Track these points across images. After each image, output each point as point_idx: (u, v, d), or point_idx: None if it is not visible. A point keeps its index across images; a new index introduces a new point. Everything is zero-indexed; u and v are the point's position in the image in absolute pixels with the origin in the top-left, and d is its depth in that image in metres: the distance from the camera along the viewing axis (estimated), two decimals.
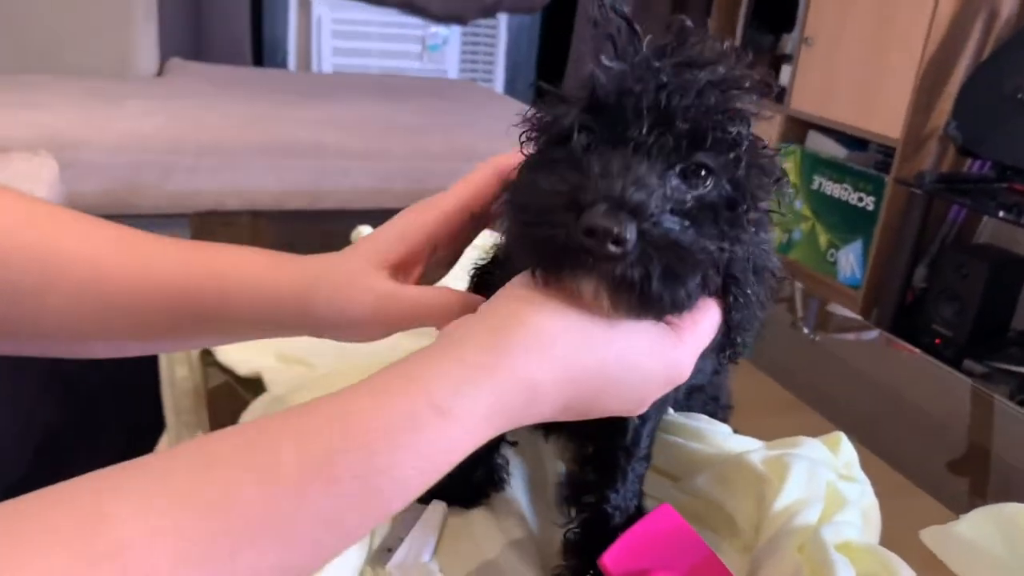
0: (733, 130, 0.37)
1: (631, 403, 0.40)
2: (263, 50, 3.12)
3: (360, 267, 0.47)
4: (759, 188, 0.40)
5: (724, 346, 0.45)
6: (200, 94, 1.92)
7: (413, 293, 0.46)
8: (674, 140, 0.37)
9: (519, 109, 0.42)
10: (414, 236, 0.48)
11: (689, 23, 0.40)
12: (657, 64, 0.37)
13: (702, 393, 0.66)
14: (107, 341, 0.48)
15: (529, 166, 0.42)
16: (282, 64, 3.15)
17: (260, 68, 2.91)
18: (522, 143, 0.42)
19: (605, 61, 0.38)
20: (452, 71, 3.39)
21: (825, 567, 0.47)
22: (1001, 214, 2.06)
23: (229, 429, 0.32)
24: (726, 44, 0.40)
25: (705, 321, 0.41)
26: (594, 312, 0.37)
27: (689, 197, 0.37)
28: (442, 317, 0.44)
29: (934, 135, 2.41)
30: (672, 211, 0.36)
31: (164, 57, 2.31)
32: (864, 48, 2.56)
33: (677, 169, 0.37)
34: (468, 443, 0.34)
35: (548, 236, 0.35)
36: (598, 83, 0.37)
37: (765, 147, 0.40)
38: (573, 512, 0.53)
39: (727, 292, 0.42)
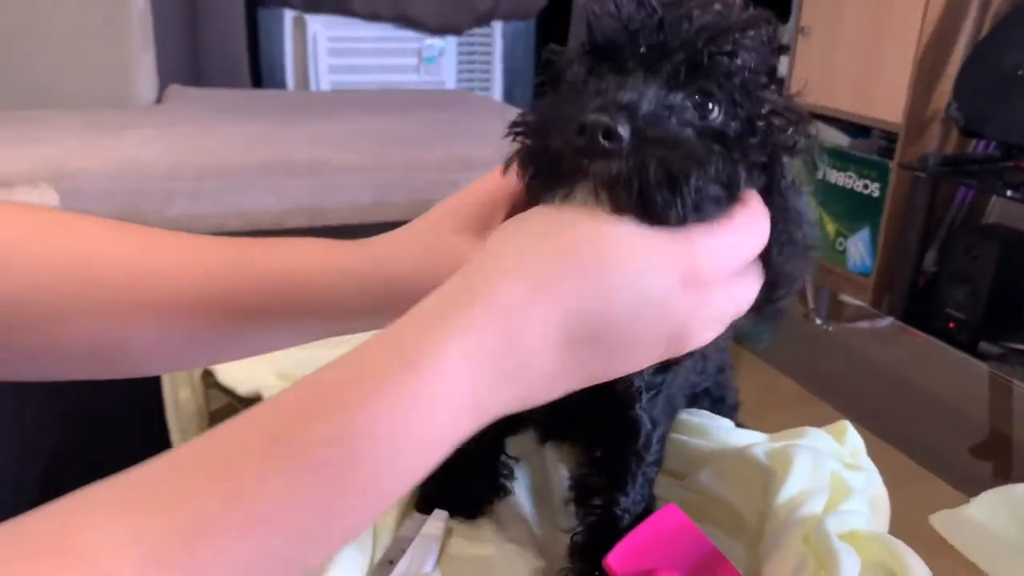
0: (735, 59, 0.36)
1: (650, 338, 0.34)
2: (261, 71, 3.14)
3: (445, 232, 0.45)
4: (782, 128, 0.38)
5: (763, 300, 0.40)
6: (199, 119, 1.93)
7: None
8: (672, 68, 0.36)
9: (516, 115, 0.42)
10: (488, 199, 0.45)
11: None
12: (653, 3, 0.37)
13: (707, 396, 0.66)
14: (150, 352, 0.46)
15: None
16: (280, 84, 3.17)
17: (258, 89, 2.93)
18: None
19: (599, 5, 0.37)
20: (450, 82, 3.40)
21: (829, 557, 0.47)
22: (1009, 193, 2.05)
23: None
24: None
25: (739, 218, 0.36)
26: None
27: (694, 118, 0.36)
28: None
29: (936, 118, 2.40)
30: (675, 115, 0.35)
31: (163, 84, 2.33)
32: (861, 34, 2.55)
33: (680, 94, 0.36)
34: (448, 396, 0.30)
35: (544, 145, 0.35)
36: (594, 22, 0.37)
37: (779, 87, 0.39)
38: (581, 515, 0.53)
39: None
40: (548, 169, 0.35)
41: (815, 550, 0.49)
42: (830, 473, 0.56)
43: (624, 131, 0.32)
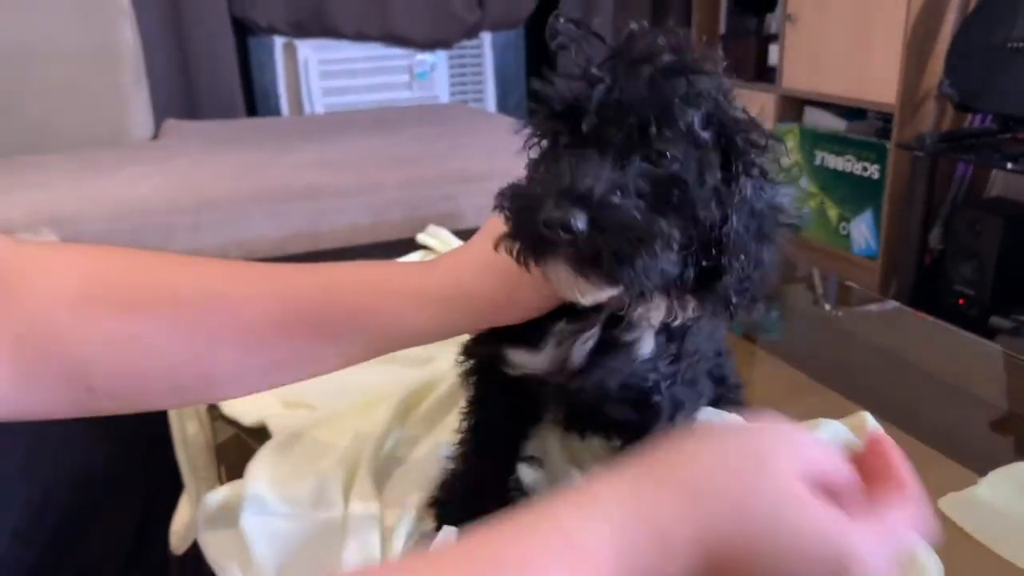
0: (687, 113, 0.40)
1: None
2: (255, 100, 3.16)
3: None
4: (745, 154, 0.42)
5: (723, 305, 0.45)
6: (195, 152, 1.94)
7: None
8: (626, 134, 0.40)
9: (509, 125, 0.47)
10: None
11: (635, 26, 0.45)
12: (606, 67, 0.41)
13: (708, 377, 0.65)
14: (233, 379, 0.49)
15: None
16: (275, 111, 3.19)
17: (253, 118, 2.94)
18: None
19: (552, 78, 0.42)
20: (443, 96, 3.41)
21: None
22: (1009, 166, 2.04)
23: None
24: (680, 33, 0.44)
25: (896, 515, 0.36)
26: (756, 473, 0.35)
27: (647, 180, 0.40)
28: None
29: (930, 96, 2.39)
30: (626, 193, 0.39)
31: (159, 120, 2.35)
32: (848, 17, 2.54)
33: (636, 160, 0.40)
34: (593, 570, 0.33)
35: (523, 231, 0.41)
36: (550, 99, 0.42)
37: (742, 116, 0.43)
38: None
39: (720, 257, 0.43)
40: (528, 244, 0.41)
41: None
42: None
43: (580, 223, 0.38)
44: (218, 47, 2.85)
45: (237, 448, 0.68)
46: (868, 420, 0.62)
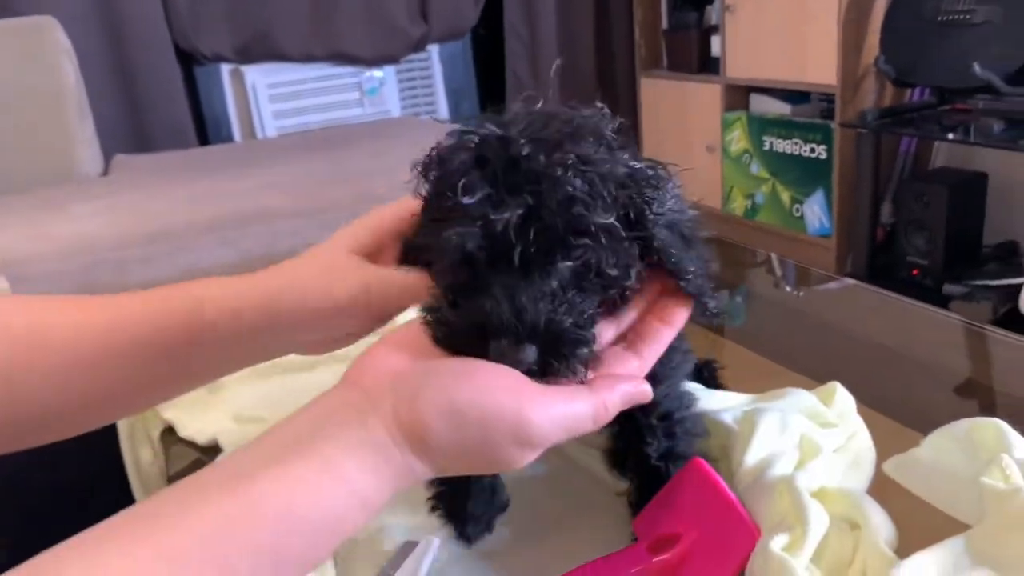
0: (595, 212, 0.41)
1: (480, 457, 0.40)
2: (207, 129, 3.14)
3: (340, 252, 0.52)
4: (649, 211, 0.44)
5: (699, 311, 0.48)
6: (145, 184, 1.93)
7: (398, 274, 0.50)
8: (547, 243, 0.41)
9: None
10: (380, 227, 0.53)
11: (514, 112, 0.44)
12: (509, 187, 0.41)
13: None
14: (84, 409, 0.50)
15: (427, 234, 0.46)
16: (228, 138, 3.17)
17: (205, 147, 2.92)
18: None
19: (451, 230, 0.41)
20: (395, 110, 3.41)
21: (799, 511, 0.48)
22: (950, 136, 2.09)
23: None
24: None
25: (571, 404, 0.41)
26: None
27: (572, 277, 0.42)
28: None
29: (868, 73, 2.44)
30: (558, 302, 0.41)
31: (107, 155, 2.32)
32: (784, 3, 2.59)
33: (556, 266, 0.41)
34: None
35: (470, 353, 0.41)
36: (461, 245, 0.41)
37: (634, 171, 0.44)
38: (627, 477, 0.56)
39: (670, 272, 0.45)
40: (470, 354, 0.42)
41: (788, 506, 0.50)
42: (799, 434, 0.57)
43: (531, 356, 0.40)
44: (164, 79, 2.83)
45: (194, 470, 0.68)
46: (838, 390, 0.63)
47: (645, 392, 0.44)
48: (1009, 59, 1.93)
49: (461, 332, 0.42)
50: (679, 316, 0.47)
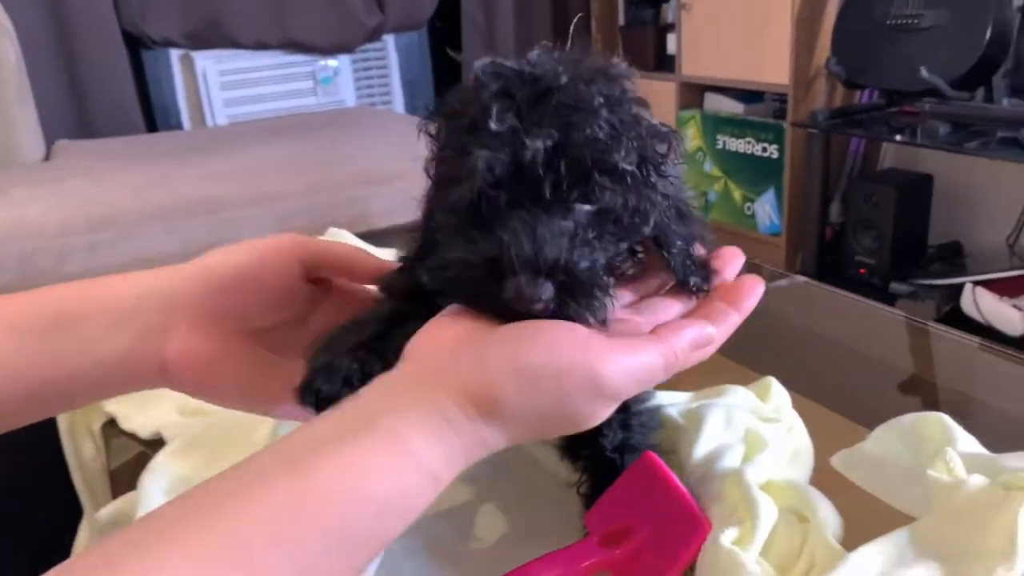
0: (619, 152, 0.40)
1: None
2: (155, 115, 3.07)
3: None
4: (658, 165, 0.43)
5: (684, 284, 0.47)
6: (89, 171, 1.87)
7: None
8: (572, 180, 0.39)
9: (417, 125, 0.45)
10: (329, 251, 0.51)
11: (536, 53, 0.43)
12: (529, 119, 0.39)
13: None
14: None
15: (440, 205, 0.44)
16: (176, 125, 3.10)
17: (153, 134, 2.86)
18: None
19: (480, 152, 0.39)
20: (349, 100, 3.37)
21: (749, 506, 0.48)
22: (897, 138, 2.13)
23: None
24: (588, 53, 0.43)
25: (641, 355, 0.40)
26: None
27: (590, 219, 0.40)
28: None
29: (820, 74, 2.48)
30: (576, 242, 0.40)
31: (49, 140, 2.26)
32: (739, 3, 2.62)
33: (576, 205, 0.40)
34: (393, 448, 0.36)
35: (479, 297, 0.40)
36: (489, 169, 0.39)
37: (646, 123, 0.43)
38: (580, 467, 0.55)
39: (661, 251, 0.45)
40: (485, 308, 0.41)
41: (737, 499, 0.50)
42: (744, 428, 0.58)
43: (548, 294, 0.38)
44: (110, 63, 2.75)
45: (139, 464, 0.66)
46: (774, 384, 0.64)
47: (711, 335, 0.43)
48: (955, 64, 1.98)
49: (473, 269, 0.40)
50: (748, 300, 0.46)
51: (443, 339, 0.40)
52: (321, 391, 0.43)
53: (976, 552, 0.41)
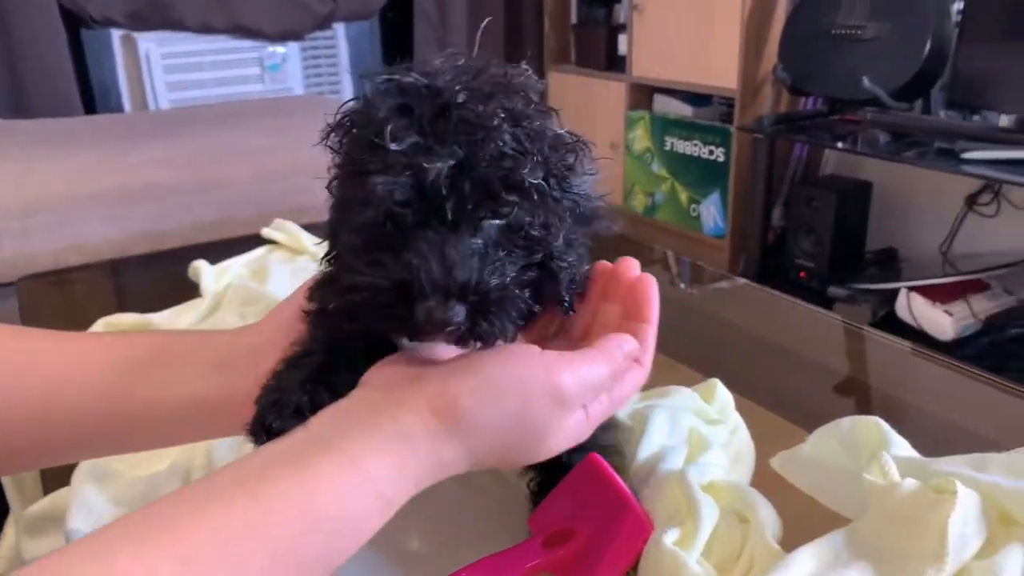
0: (525, 168, 0.39)
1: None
2: (94, 96, 2.97)
3: (273, 339, 0.48)
4: (563, 178, 0.43)
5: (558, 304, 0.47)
6: (23, 153, 1.81)
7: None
8: (478, 198, 0.39)
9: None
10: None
11: (437, 63, 0.42)
12: (433, 138, 0.39)
13: None
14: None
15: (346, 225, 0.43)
16: (116, 108, 3.01)
17: (92, 116, 2.77)
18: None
19: (379, 179, 0.38)
20: (297, 88, 3.32)
21: (692, 506, 0.48)
22: (839, 145, 2.18)
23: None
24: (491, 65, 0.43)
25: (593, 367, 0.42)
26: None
27: (497, 239, 0.41)
28: None
29: (767, 80, 2.52)
30: (486, 261, 0.40)
31: None
32: (690, 6, 2.65)
33: (485, 223, 0.40)
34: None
35: (389, 320, 0.40)
36: (389, 195, 0.39)
37: (552, 134, 0.43)
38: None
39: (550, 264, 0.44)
40: (399, 331, 0.41)
41: (680, 500, 0.50)
42: (688, 429, 0.58)
43: (461, 316, 0.38)
44: (47, 41, 2.66)
45: (69, 464, 0.64)
46: (718, 386, 0.65)
47: (635, 347, 0.45)
48: (896, 75, 2.03)
49: (382, 293, 0.39)
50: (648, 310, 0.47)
51: (403, 369, 0.41)
52: (272, 427, 0.42)
53: (909, 553, 0.43)
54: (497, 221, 0.40)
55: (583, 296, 0.48)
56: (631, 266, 0.48)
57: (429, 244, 0.39)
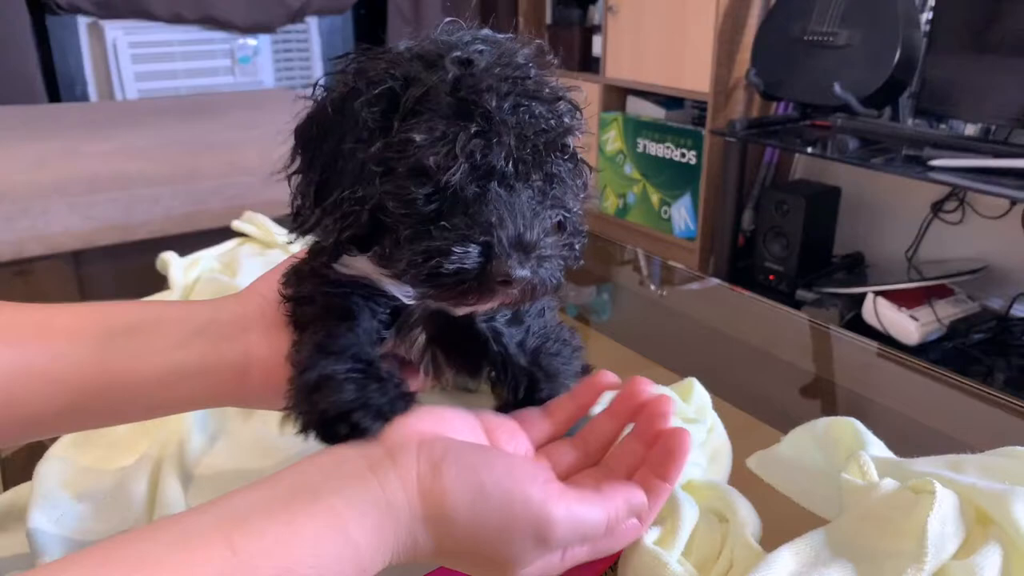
0: (572, 135, 0.43)
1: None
2: (59, 85, 2.91)
3: (260, 306, 0.48)
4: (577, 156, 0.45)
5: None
6: None
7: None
8: (530, 162, 0.41)
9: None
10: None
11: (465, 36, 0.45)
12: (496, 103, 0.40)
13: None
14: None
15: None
16: (82, 97, 2.95)
17: (55, 104, 2.71)
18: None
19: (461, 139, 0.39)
20: (268, 81, 3.28)
21: (671, 505, 0.48)
22: (809, 150, 2.20)
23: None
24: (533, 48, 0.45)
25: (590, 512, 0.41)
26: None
27: (549, 206, 0.43)
28: None
29: (739, 85, 2.55)
30: (540, 221, 0.41)
31: None
32: (664, 9, 2.66)
33: (536, 184, 0.42)
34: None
35: (457, 281, 0.39)
36: (470, 153, 0.39)
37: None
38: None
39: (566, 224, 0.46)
40: (459, 292, 0.40)
41: None
42: None
43: (533, 272, 0.40)
44: (10, 27, 2.60)
45: (32, 457, 0.62)
46: (695, 385, 0.64)
47: (643, 503, 0.44)
48: (866, 82, 2.06)
49: (462, 257, 0.39)
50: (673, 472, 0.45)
51: (413, 428, 0.40)
52: (359, 425, 0.40)
53: (888, 553, 0.43)
54: (540, 183, 0.42)
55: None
56: (649, 386, 0.49)
57: (502, 205, 0.40)
